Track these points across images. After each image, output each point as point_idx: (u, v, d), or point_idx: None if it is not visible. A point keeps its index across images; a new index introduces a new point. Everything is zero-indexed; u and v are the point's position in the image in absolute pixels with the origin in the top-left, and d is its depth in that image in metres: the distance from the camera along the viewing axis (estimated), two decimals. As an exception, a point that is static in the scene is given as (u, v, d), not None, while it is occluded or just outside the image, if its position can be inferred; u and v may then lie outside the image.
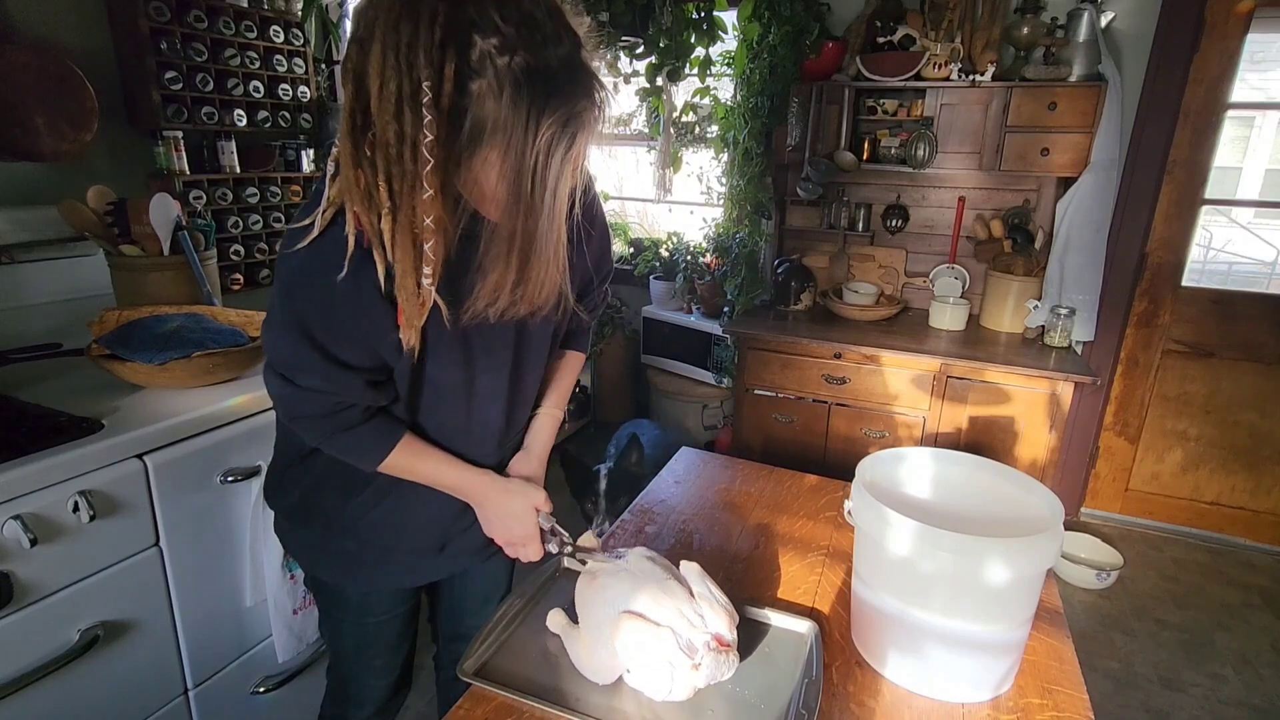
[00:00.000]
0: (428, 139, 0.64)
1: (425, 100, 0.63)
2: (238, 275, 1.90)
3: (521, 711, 0.81)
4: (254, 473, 1.23)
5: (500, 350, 0.91)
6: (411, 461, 0.90)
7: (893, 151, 2.56)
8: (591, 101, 0.68)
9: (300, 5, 1.84)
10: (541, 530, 0.98)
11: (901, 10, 2.48)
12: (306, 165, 2.03)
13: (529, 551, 0.98)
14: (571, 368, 1.10)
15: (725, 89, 2.89)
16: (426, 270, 0.72)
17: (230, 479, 1.20)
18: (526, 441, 1.05)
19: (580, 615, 0.89)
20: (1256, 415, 2.59)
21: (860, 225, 2.81)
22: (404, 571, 1.03)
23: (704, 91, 2.90)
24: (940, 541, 0.80)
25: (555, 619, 0.93)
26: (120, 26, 1.58)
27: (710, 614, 0.83)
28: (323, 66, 2.07)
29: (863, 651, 0.94)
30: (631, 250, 3.35)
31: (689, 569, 0.89)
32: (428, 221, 0.69)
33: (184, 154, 1.70)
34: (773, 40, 2.51)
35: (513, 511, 0.96)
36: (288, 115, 1.95)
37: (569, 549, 0.98)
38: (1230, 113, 2.42)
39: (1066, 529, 1.01)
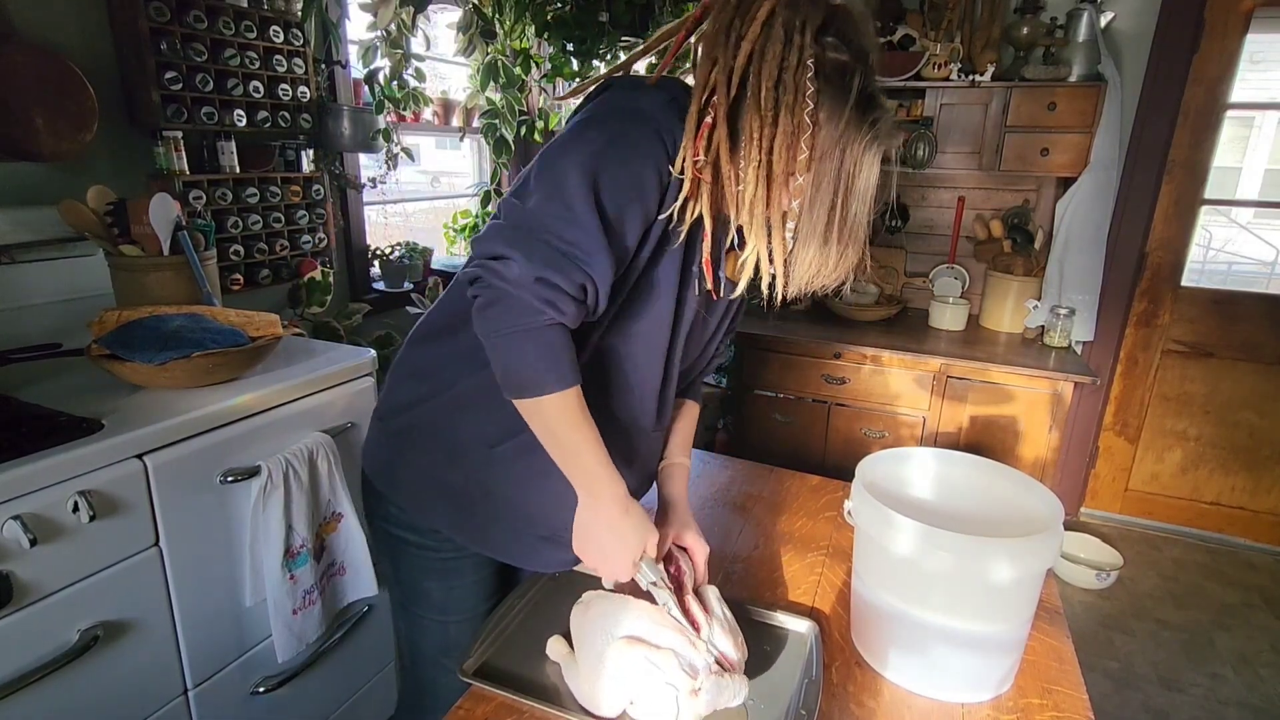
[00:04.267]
0: (809, 107, 0.72)
1: (809, 75, 0.71)
2: (238, 275, 1.90)
3: (521, 711, 0.81)
4: (254, 473, 1.22)
5: (687, 320, 0.91)
6: (574, 414, 0.79)
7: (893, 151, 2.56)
8: (894, 118, 0.79)
9: (300, 5, 1.84)
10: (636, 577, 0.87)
11: (901, 10, 2.48)
12: (306, 165, 2.03)
13: (611, 579, 0.90)
14: (692, 416, 1.10)
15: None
16: (790, 224, 0.76)
17: (230, 479, 1.20)
18: (665, 495, 1.03)
19: (576, 645, 0.86)
20: (1256, 415, 2.59)
21: (860, 225, 2.80)
22: (509, 540, 0.95)
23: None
24: (940, 541, 0.80)
25: (555, 647, 0.89)
26: (120, 26, 1.58)
27: (718, 635, 0.81)
28: (323, 66, 2.07)
29: (863, 651, 0.94)
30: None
31: (708, 592, 0.89)
32: (799, 180, 0.74)
33: (184, 154, 1.69)
34: (773, 40, 2.51)
35: (621, 537, 0.85)
36: (288, 115, 1.95)
37: (668, 608, 0.85)
38: (1230, 113, 2.43)
39: (1066, 529, 1.01)
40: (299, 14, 1.86)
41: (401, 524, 0.99)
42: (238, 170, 1.86)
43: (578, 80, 2.50)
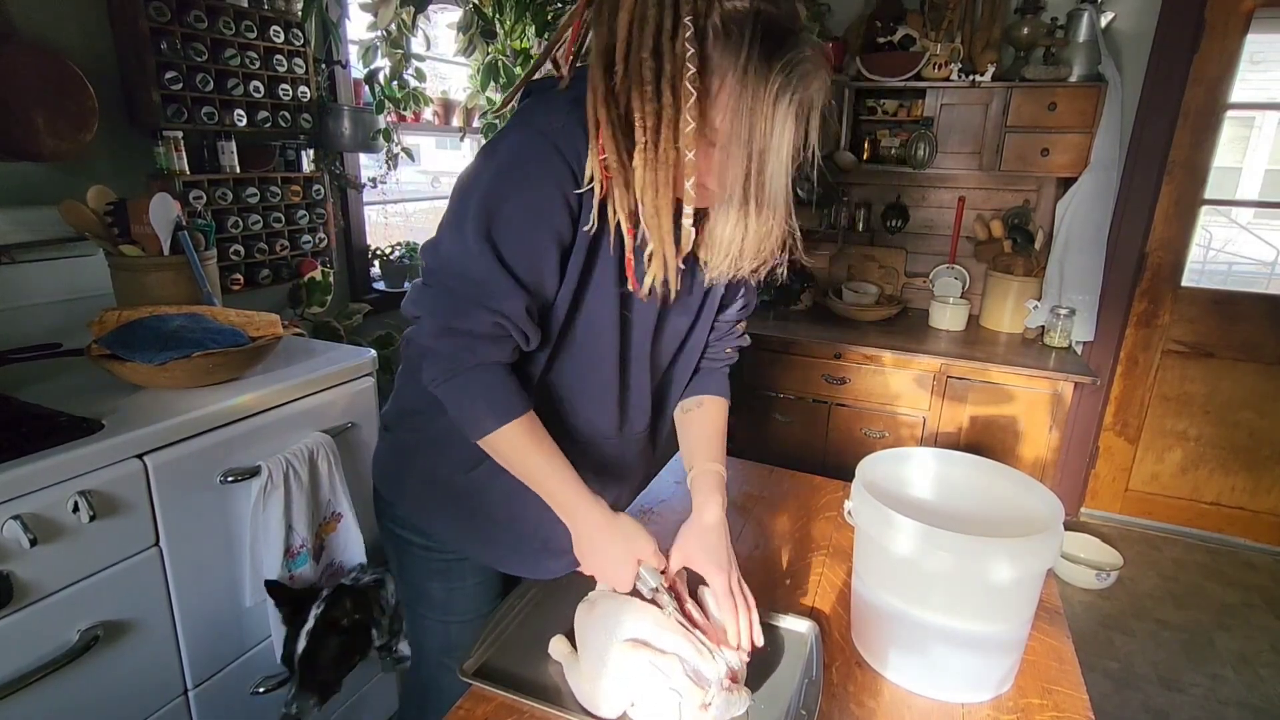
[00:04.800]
0: (690, 72, 0.66)
1: (687, 35, 0.65)
2: (238, 275, 1.90)
3: (521, 711, 0.81)
4: (254, 473, 1.22)
5: (647, 320, 0.88)
6: (525, 445, 0.81)
7: (893, 151, 2.56)
8: (816, 56, 0.69)
9: (300, 5, 1.84)
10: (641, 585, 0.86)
11: (901, 10, 2.49)
12: (306, 165, 2.03)
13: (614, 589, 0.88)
14: (712, 415, 1.01)
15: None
16: (688, 210, 0.73)
17: (230, 479, 1.20)
18: (697, 504, 0.94)
19: (579, 644, 0.86)
20: (1256, 415, 2.59)
21: (860, 225, 2.81)
22: (508, 551, 0.95)
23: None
24: (940, 541, 0.80)
25: (557, 646, 0.89)
26: (120, 26, 1.58)
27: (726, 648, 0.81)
28: (323, 66, 2.07)
29: (863, 651, 0.94)
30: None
31: (707, 594, 0.89)
32: (690, 156, 0.69)
33: (184, 154, 1.69)
34: (773, 40, 2.51)
35: (610, 556, 0.85)
36: (288, 115, 1.95)
37: (669, 611, 0.84)
38: (1230, 113, 2.42)
39: (1066, 529, 1.01)
40: (299, 14, 1.86)
41: (407, 525, 1.00)
42: (238, 170, 1.86)
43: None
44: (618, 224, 0.75)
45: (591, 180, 0.73)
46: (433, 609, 1.03)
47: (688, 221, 0.74)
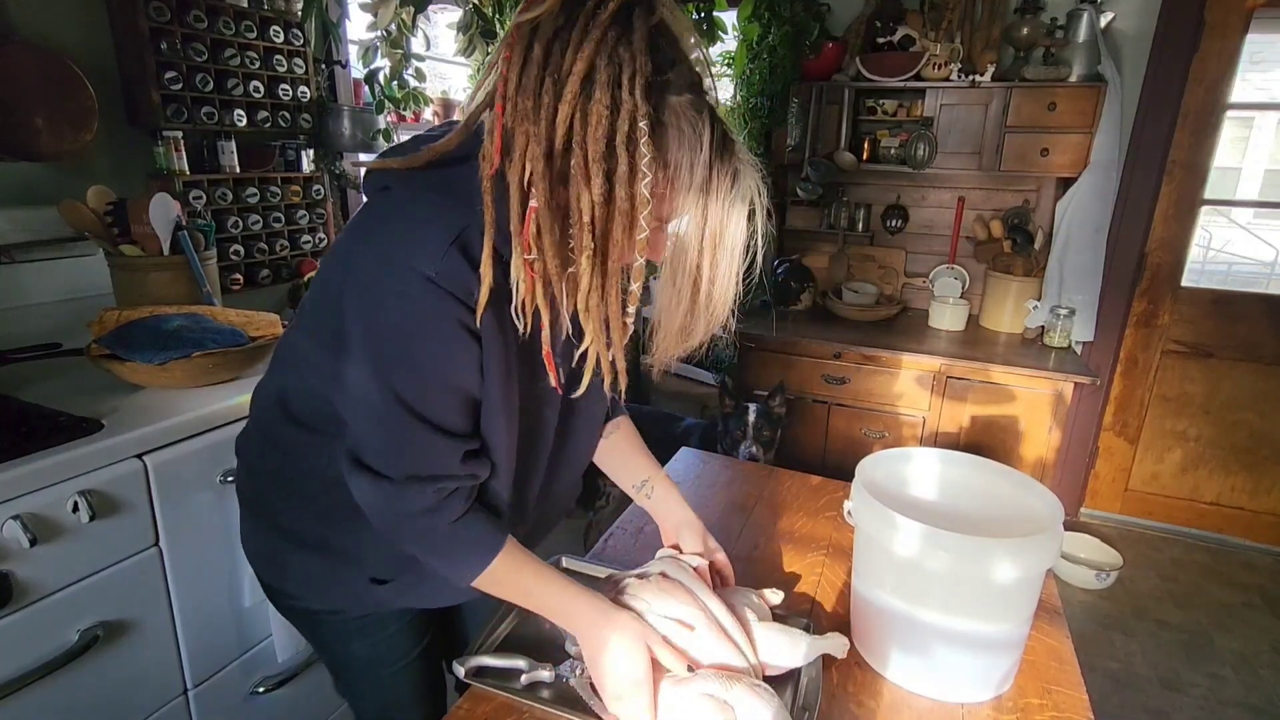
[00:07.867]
0: (646, 178, 0.61)
1: (643, 139, 0.60)
2: (238, 275, 1.90)
3: (521, 711, 0.81)
4: (254, 473, 1.22)
5: (551, 406, 0.85)
6: (514, 570, 0.79)
7: (892, 152, 2.56)
8: (748, 156, 0.68)
9: (300, 5, 1.84)
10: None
11: (901, 10, 2.49)
12: (306, 165, 2.03)
13: (631, 710, 0.77)
14: (635, 433, 1.06)
15: (725, 89, 2.90)
16: (630, 309, 0.69)
17: (230, 479, 1.20)
18: (666, 512, 1.02)
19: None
20: (1256, 415, 2.59)
21: (860, 225, 2.81)
22: (415, 592, 0.90)
23: (704, 92, 2.90)
24: (939, 541, 0.80)
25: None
26: (120, 26, 1.58)
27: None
28: (323, 66, 2.07)
29: (863, 651, 0.94)
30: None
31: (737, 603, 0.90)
32: (640, 261, 0.67)
33: (184, 154, 1.70)
34: (772, 41, 2.52)
35: (616, 649, 0.77)
36: (288, 115, 1.95)
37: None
38: (1230, 113, 2.42)
39: (1066, 529, 1.01)
40: (299, 14, 1.86)
41: (303, 599, 0.93)
42: (238, 170, 1.86)
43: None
44: (533, 324, 0.70)
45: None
46: (362, 669, 0.96)
47: (630, 320, 0.70)
